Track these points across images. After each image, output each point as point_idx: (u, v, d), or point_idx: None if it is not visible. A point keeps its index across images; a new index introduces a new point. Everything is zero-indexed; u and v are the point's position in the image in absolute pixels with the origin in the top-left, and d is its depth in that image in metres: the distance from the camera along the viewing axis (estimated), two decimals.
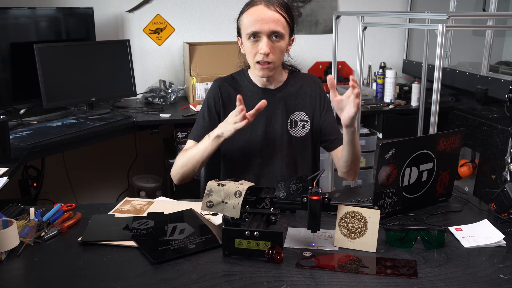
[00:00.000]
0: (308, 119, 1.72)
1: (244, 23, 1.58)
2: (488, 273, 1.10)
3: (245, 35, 1.58)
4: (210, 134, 1.58)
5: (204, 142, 1.59)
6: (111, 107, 2.95)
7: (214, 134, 1.56)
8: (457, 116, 2.93)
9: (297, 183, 1.22)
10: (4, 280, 1.10)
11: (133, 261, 1.17)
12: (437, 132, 2.09)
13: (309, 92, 1.74)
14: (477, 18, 3.03)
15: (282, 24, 1.56)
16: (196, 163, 1.60)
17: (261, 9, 1.55)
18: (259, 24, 1.54)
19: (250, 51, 1.59)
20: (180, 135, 2.78)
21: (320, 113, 1.74)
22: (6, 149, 1.90)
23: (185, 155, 1.63)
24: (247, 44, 1.59)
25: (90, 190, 3.42)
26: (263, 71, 1.60)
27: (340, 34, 3.19)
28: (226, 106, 1.71)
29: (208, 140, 1.57)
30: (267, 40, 1.55)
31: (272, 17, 1.54)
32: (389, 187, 1.33)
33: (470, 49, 3.33)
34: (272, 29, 1.54)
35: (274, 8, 1.56)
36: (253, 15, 1.56)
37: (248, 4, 1.60)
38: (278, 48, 1.57)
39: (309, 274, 1.10)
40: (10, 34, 2.67)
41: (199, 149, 1.59)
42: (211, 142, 1.56)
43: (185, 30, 3.37)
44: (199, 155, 1.59)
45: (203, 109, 1.73)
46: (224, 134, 1.53)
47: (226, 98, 1.71)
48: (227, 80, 1.75)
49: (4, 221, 1.23)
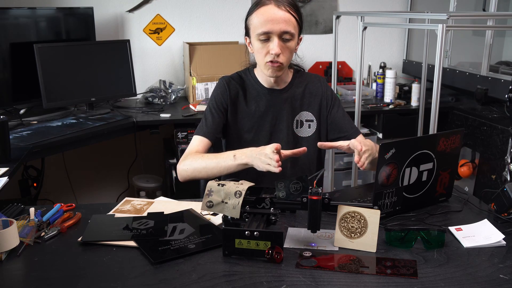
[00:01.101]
0: (314, 119, 1.72)
1: (254, 23, 1.56)
2: (488, 273, 1.10)
3: (255, 35, 1.56)
4: (237, 155, 1.49)
5: (226, 160, 1.51)
6: (111, 107, 2.95)
7: (243, 160, 1.47)
8: (457, 116, 2.93)
9: (297, 183, 1.22)
10: (4, 280, 1.10)
11: (133, 261, 1.17)
12: (437, 132, 2.09)
13: (315, 92, 1.74)
14: (477, 18, 3.03)
15: (293, 24, 1.55)
16: (212, 176, 1.54)
17: (272, 9, 1.54)
18: (270, 24, 1.52)
19: (260, 51, 1.57)
20: (180, 135, 2.78)
21: (327, 111, 1.73)
22: (6, 149, 1.90)
23: (200, 161, 1.55)
24: (256, 44, 1.57)
25: (90, 190, 3.42)
26: (272, 70, 1.58)
27: (340, 34, 3.19)
28: (234, 104, 1.69)
29: (233, 161, 1.49)
30: (278, 41, 1.53)
31: (283, 17, 1.53)
32: (389, 187, 1.33)
33: (470, 49, 3.33)
34: (283, 30, 1.53)
35: (285, 8, 1.54)
36: (263, 15, 1.54)
37: (258, 4, 1.58)
38: (288, 49, 1.57)
39: (309, 274, 1.10)
40: (10, 34, 2.67)
41: (220, 165, 1.52)
42: (235, 165, 1.49)
43: (185, 30, 3.37)
44: (217, 170, 1.53)
45: (211, 105, 1.69)
46: (253, 165, 1.46)
47: (234, 95, 1.70)
48: (235, 78, 1.73)
49: (4, 221, 1.23)
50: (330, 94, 1.75)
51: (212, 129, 1.65)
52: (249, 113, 1.70)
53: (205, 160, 1.55)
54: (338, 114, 1.73)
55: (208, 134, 1.65)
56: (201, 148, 1.64)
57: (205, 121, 1.68)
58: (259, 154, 1.42)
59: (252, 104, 1.70)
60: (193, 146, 1.65)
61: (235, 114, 1.70)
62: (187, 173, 1.58)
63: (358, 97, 2.80)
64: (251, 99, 1.71)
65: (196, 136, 1.66)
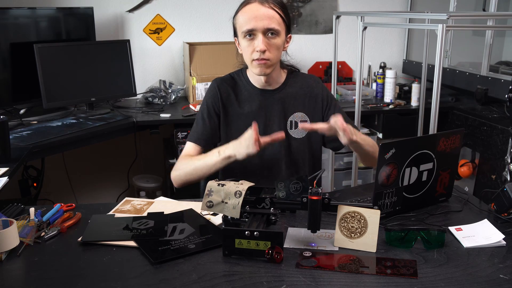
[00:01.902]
0: (308, 120, 1.71)
1: (239, 22, 1.58)
2: (488, 273, 1.10)
3: (241, 33, 1.57)
4: (220, 151, 1.54)
5: (212, 157, 1.55)
6: (111, 107, 2.95)
7: (226, 153, 1.52)
8: (457, 116, 2.93)
9: (297, 183, 1.22)
10: (4, 280, 1.10)
11: (133, 261, 1.17)
12: (437, 132, 2.09)
13: (309, 93, 1.72)
14: (477, 18, 3.04)
15: (277, 20, 1.55)
16: (202, 175, 1.59)
17: (255, 7, 1.55)
18: (253, 22, 1.53)
19: (247, 49, 1.57)
20: (180, 135, 2.78)
21: (323, 112, 1.72)
22: (6, 149, 1.90)
23: (190, 164, 1.60)
24: (243, 42, 1.58)
25: (90, 190, 3.42)
26: (260, 67, 1.57)
27: (340, 34, 3.19)
28: (225, 107, 1.70)
29: (217, 157, 1.53)
30: (263, 37, 1.53)
31: (266, 14, 1.53)
32: (389, 187, 1.33)
33: (470, 49, 3.33)
34: (266, 26, 1.53)
35: (269, 5, 1.55)
36: (247, 13, 1.55)
37: (243, 3, 1.60)
38: (274, 45, 1.56)
39: (309, 274, 1.10)
40: (10, 34, 2.67)
41: (207, 163, 1.56)
42: (220, 160, 1.53)
43: (185, 30, 3.37)
44: (206, 169, 1.57)
45: (203, 110, 1.71)
46: (235, 156, 1.50)
47: (226, 98, 1.70)
48: (226, 80, 1.73)
49: (4, 221, 1.23)
50: (326, 95, 1.74)
51: (203, 135, 1.67)
52: (241, 114, 1.69)
53: (194, 161, 1.61)
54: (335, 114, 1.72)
55: (199, 140, 1.67)
56: (192, 153, 1.68)
57: (196, 126, 1.71)
58: (237, 143, 1.49)
59: (244, 105, 1.69)
60: (184, 152, 1.69)
61: (227, 116, 1.70)
62: (180, 177, 1.64)
63: (358, 97, 2.81)
64: (243, 100, 1.70)
65: (188, 143, 1.70)
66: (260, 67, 1.57)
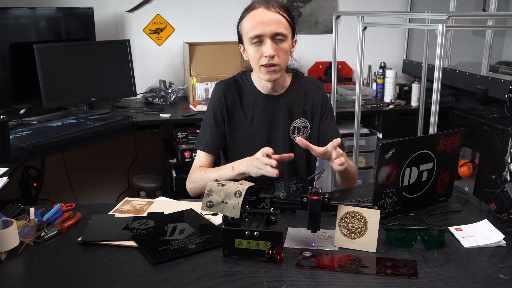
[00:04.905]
0: (308, 126, 1.71)
1: (246, 28, 1.55)
2: (488, 273, 1.10)
3: (248, 39, 1.55)
4: (234, 166, 1.53)
5: (226, 173, 1.54)
6: (111, 107, 2.95)
7: (240, 170, 1.50)
8: (457, 116, 2.93)
9: (297, 183, 1.22)
10: (4, 280, 1.10)
11: (133, 261, 1.17)
12: (437, 132, 2.09)
13: (312, 99, 1.71)
14: (477, 18, 3.04)
15: (284, 25, 1.54)
16: None
17: (262, 12, 1.53)
18: (261, 27, 1.51)
19: (254, 55, 1.55)
20: (180, 135, 2.78)
21: (319, 121, 1.72)
22: (6, 149, 1.90)
23: (204, 178, 1.58)
24: (250, 49, 1.55)
25: (90, 190, 3.42)
26: (269, 74, 1.56)
27: (340, 34, 3.19)
28: (230, 112, 1.68)
29: (231, 172, 1.53)
30: (271, 42, 1.52)
31: (273, 19, 1.52)
32: (389, 187, 1.33)
33: (470, 49, 3.33)
34: (274, 31, 1.51)
35: (275, 10, 1.53)
36: (254, 18, 1.53)
37: (248, 9, 1.57)
38: (282, 50, 1.54)
39: (309, 274, 1.10)
40: (10, 34, 2.67)
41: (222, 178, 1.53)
42: (235, 176, 1.52)
43: (185, 30, 3.37)
44: None
45: (209, 117, 1.69)
46: (249, 173, 1.48)
47: (231, 103, 1.68)
48: (230, 85, 1.71)
49: (4, 221, 1.23)
50: (326, 104, 1.72)
51: (212, 143, 1.67)
52: (246, 120, 1.69)
53: (208, 175, 1.59)
54: (330, 128, 1.72)
55: (209, 148, 1.67)
56: (205, 163, 1.68)
57: (204, 133, 1.69)
58: (252, 161, 1.46)
59: (249, 111, 1.69)
60: (197, 162, 1.69)
61: (232, 121, 1.69)
62: (196, 190, 1.66)
63: (358, 97, 2.80)
64: (248, 106, 1.69)
65: (199, 152, 1.69)
66: (269, 74, 1.56)
